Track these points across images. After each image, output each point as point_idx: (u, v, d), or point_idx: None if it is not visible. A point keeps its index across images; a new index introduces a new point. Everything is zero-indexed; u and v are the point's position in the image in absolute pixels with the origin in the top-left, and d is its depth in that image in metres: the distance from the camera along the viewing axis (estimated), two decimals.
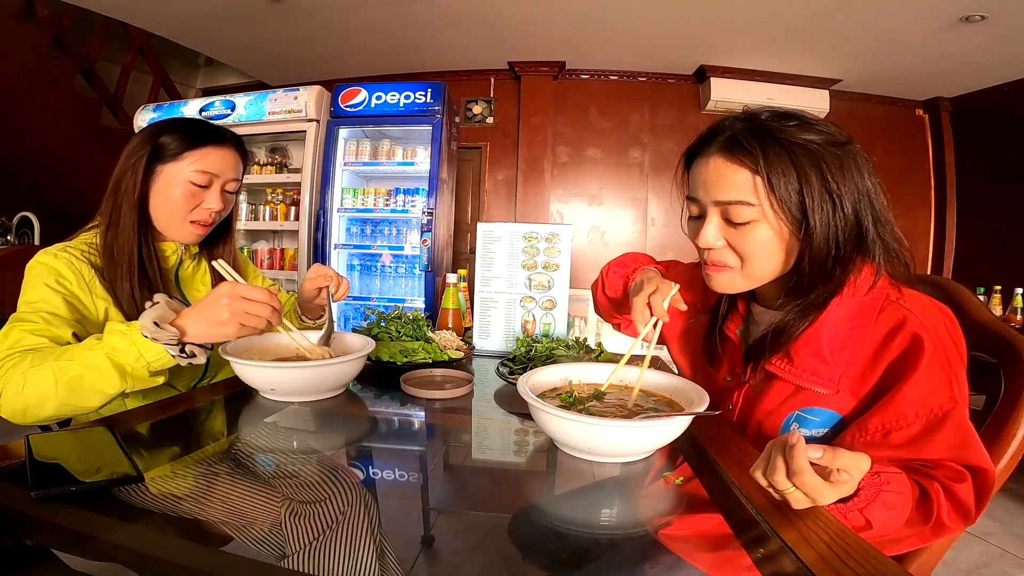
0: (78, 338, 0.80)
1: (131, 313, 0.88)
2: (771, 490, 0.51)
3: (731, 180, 0.68)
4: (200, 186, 0.95)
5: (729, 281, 0.74)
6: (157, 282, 0.93)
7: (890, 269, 0.68)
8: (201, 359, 0.75)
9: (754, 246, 0.69)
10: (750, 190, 0.67)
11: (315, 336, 0.96)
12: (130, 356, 0.70)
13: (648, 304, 0.79)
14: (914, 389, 0.62)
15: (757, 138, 0.66)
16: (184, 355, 0.73)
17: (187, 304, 0.85)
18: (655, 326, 0.78)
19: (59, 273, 0.85)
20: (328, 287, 1.05)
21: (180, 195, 0.94)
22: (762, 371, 0.75)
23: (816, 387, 0.68)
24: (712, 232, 0.71)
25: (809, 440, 0.65)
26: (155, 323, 0.71)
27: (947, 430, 0.61)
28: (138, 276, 0.90)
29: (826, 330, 0.68)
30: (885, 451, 0.62)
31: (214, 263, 0.89)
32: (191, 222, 0.97)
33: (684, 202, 0.77)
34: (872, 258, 0.67)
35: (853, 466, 0.50)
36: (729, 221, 0.70)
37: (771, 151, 0.65)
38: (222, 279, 1.06)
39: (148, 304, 0.75)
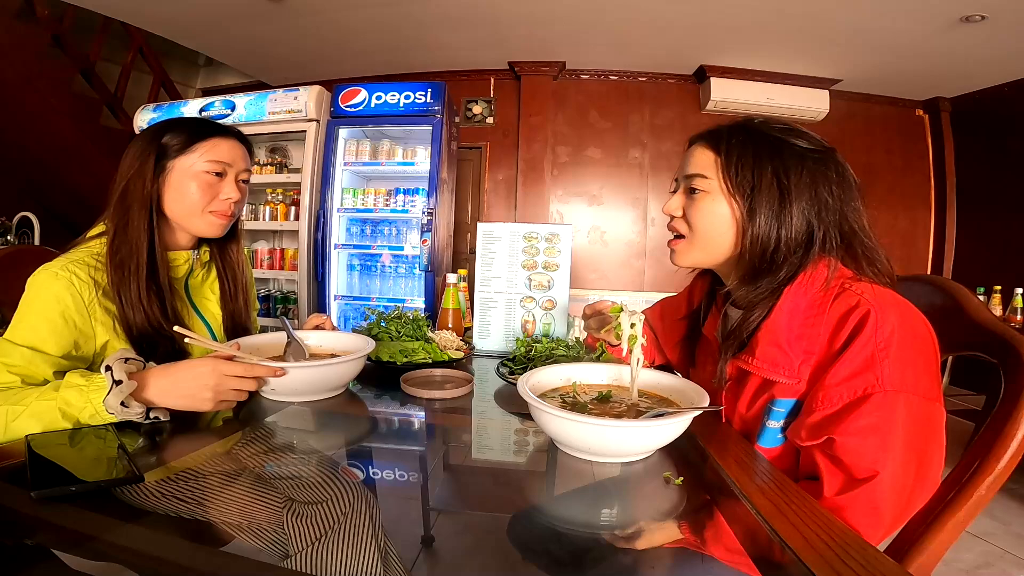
0: (60, 374, 0.75)
1: (138, 319, 0.86)
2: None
3: (698, 159, 0.78)
4: (216, 175, 0.94)
5: (684, 251, 0.81)
6: (166, 288, 0.91)
7: (872, 273, 0.70)
8: (164, 418, 0.73)
9: (702, 215, 0.77)
10: (710, 166, 0.76)
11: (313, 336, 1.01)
12: (85, 413, 0.68)
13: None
14: (842, 368, 0.63)
15: (731, 127, 0.77)
16: (148, 419, 0.71)
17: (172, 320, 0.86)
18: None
19: (58, 298, 0.80)
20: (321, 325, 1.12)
21: (197, 187, 0.93)
22: (733, 367, 0.76)
23: (778, 377, 0.69)
24: (674, 201, 0.81)
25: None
26: (122, 404, 0.67)
27: (858, 415, 0.61)
28: (146, 280, 0.87)
29: (782, 320, 0.70)
30: (803, 431, 0.65)
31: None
32: (210, 212, 0.95)
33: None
34: (827, 257, 0.71)
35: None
36: (690, 193, 0.79)
37: (736, 137, 0.75)
38: (231, 286, 1.06)
39: (105, 373, 0.69)
